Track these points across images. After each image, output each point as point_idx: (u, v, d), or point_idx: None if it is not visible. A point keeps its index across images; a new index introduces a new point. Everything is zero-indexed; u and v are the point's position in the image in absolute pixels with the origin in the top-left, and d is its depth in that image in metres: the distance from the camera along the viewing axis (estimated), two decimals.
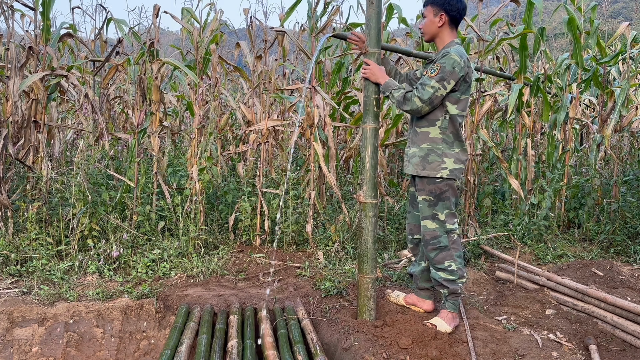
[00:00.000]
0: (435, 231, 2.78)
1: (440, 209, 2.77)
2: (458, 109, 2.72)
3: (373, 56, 2.84)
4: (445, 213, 2.78)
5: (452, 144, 2.75)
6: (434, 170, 2.74)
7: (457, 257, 2.79)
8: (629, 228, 4.59)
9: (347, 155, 5.14)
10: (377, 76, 2.79)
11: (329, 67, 5.05)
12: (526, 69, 4.78)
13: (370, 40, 2.83)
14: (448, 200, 2.78)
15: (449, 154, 2.74)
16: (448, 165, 2.73)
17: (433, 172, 2.74)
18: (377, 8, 2.81)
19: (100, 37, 5.39)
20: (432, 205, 2.78)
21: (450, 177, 2.74)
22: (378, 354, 2.51)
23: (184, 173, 4.57)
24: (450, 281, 2.80)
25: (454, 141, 2.75)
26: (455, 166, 2.75)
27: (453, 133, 2.74)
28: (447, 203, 2.78)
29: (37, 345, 2.85)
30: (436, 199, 2.77)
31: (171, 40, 19.95)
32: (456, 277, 2.80)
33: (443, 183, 2.76)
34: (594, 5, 5.21)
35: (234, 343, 2.67)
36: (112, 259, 3.62)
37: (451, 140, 2.74)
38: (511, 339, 2.73)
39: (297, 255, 4.09)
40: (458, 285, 2.81)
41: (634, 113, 5.40)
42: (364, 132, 2.85)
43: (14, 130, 4.06)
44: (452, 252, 2.79)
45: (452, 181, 2.78)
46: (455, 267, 2.79)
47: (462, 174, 2.82)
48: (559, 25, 12.53)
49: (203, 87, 4.33)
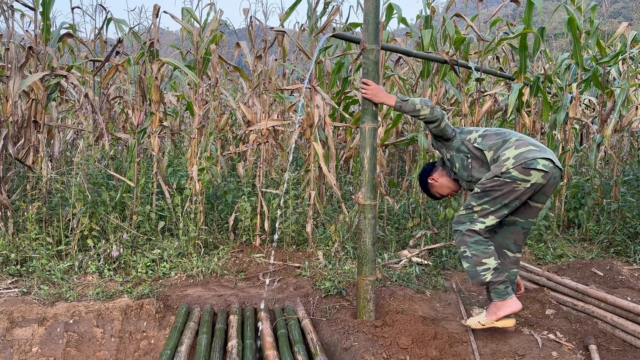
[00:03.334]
0: (461, 217, 2.80)
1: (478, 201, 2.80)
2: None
3: (372, 53, 2.80)
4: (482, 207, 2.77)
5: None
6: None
7: (472, 243, 2.71)
8: (629, 228, 4.58)
9: (347, 155, 5.14)
10: (381, 97, 2.80)
11: (329, 67, 5.05)
12: (526, 69, 4.77)
13: (368, 37, 2.79)
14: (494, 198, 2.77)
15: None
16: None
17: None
18: (375, 2, 2.77)
19: (100, 37, 5.40)
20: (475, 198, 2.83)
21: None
22: (378, 354, 2.51)
23: (184, 173, 4.57)
24: (472, 271, 2.72)
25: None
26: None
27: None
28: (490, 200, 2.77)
29: (37, 345, 2.86)
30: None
31: (171, 40, 19.94)
32: (472, 263, 2.71)
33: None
34: (594, 5, 5.21)
35: (234, 343, 2.67)
36: (112, 259, 3.62)
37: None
38: (511, 339, 2.73)
39: (297, 255, 4.09)
40: (480, 276, 2.69)
41: (634, 113, 5.41)
42: (363, 133, 2.84)
43: (14, 130, 4.06)
44: (466, 238, 2.73)
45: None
46: (469, 252, 2.72)
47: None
48: (559, 25, 12.52)
49: (203, 87, 4.33)
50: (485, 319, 2.71)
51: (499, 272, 2.69)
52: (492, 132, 2.86)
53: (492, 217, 2.72)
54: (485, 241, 2.73)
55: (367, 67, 2.83)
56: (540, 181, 2.64)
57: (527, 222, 2.85)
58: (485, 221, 2.72)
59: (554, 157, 2.70)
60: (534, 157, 2.63)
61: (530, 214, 2.83)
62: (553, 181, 2.71)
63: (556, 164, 2.69)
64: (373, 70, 2.82)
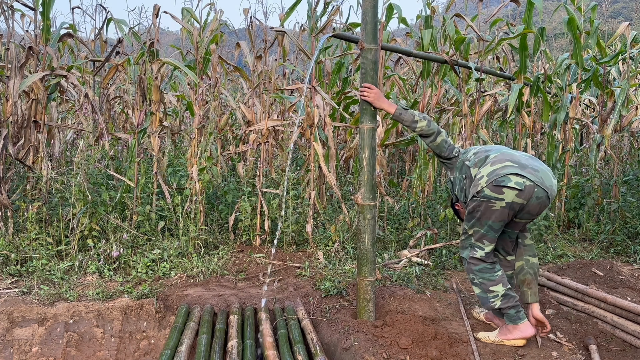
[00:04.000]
0: (463, 242, 2.80)
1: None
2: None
3: (370, 52, 2.79)
4: (474, 230, 2.75)
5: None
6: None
7: (477, 271, 2.70)
8: (629, 228, 4.58)
9: (347, 155, 5.15)
10: (382, 102, 2.79)
11: (329, 67, 5.05)
12: (526, 69, 4.78)
13: (366, 36, 2.78)
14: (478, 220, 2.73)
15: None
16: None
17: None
18: (372, 1, 2.77)
19: (100, 37, 5.40)
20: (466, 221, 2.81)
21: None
22: (378, 354, 2.51)
23: (184, 173, 4.57)
24: (482, 297, 2.72)
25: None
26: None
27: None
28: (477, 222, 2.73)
29: (37, 345, 2.85)
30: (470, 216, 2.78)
31: (171, 40, 19.95)
32: (481, 289, 2.70)
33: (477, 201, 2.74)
34: (594, 5, 5.21)
35: (234, 343, 2.67)
36: (112, 259, 3.62)
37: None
38: None
39: (297, 255, 4.09)
40: (489, 302, 2.67)
41: (634, 113, 5.41)
42: (361, 133, 2.84)
43: (14, 130, 4.06)
44: (471, 266, 2.72)
45: (487, 201, 2.70)
46: (477, 280, 2.71)
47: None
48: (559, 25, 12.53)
49: (203, 87, 4.33)
50: (497, 338, 2.70)
51: (508, 298, 2.64)
52: (484, 149, 2.78)
53: (486, 242, 2.66)
54: (491, 268, 2.67)
55: (365, 67, 2.82)
56: (516, 200, 2.50)
57: (513, 232, 2.81)
58: (483, 247, 2.66)
59: (538, 175, 2.51)
60: (506, 173, 2.49)
61: (517, 227, 2.77)
62: (536, 201, 2.52)
63: (537, 183, 2.49)
64: (372, 70, 2.82)
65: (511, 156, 2.60)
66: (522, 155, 2.64)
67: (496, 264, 2.70)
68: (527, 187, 2.48)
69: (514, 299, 2.65)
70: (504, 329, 2.70)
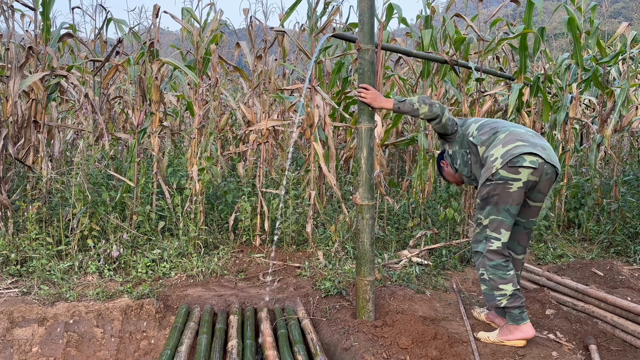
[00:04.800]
0: (476, 236, 2.76)
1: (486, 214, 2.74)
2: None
3: (367, 52, 2.80)
4: (489, 219, 2.70)
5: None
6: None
7: (490, 267, 2.66)
8: (629, 228, 4.59)
9: (347, 155, 5.15)
10: (379, 101, 2.79)
11: (329, 67, 5.05)
12: (526, 69, 4.78)
13: (363, 37, 2.79)
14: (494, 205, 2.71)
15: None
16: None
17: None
18: (369, 2, 2.79)
19: (100, 37, 5.40)
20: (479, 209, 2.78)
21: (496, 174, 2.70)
22: (378, 354, 2.51)
23: (184, 173, 4.57)
24: (488, 294, 2.72)
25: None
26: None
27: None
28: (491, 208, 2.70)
29: (37, 345, 2.85)
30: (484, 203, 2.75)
31: (171, 40, 19.95)
32: (489, 287, 2.69)
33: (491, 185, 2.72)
34: (594, 5, 5.21)
35: (234, 343, 2.67)
36: (112, 259, 3.62)
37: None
38: None
39: (297, 255, 4.09)
40: (496, 300, 2.66)
41: (634, 113, 5.41)
42: (359, 133, 2.85)
43: (14, 130, 4.06)
44: (486, 260, 2.69)
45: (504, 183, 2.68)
46: (487, 276, 2.69)
47: None
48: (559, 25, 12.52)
49: (203, 87, 4.33)
50: (497, 338, 2.69)
51: (515, 298, 2.63)
52: (487, 125, 2.77)
53: (503, 231, 2.63)
54: (505, 266, 2.64)
55: (362, 67, 2.84)
56: (531, 178, 2.55)
57: (528, 222, 2.80)
58: (500, 237, 2.63)
59: (546, 153, 2.58)
60: (521, 152, 2.53)
61: (531, 214, 2.77)
62: (545, 177, 2.60)
63: (547, 160, 2.55)
64: (369, 70, 2.83)
65: (520, 135, 2.64)
66: (528, 132, 2.70)
67: (510, 262, 2.68)
68: (539, 165, 2.54)
69: (521, 300, 2.64)
70: (505, 329, 2.69)
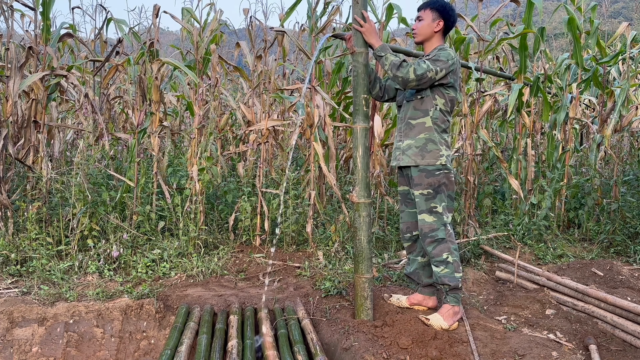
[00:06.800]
0: (433, 224, 2.84)
1: (438, 202, 2.85)
2: (445, 106, 2.86)
3: (361, 55, 2.85)
4: (442, 206, 2.85)
5: (443, 133, 2.90)
6: (433, 158, 2.82)
7: (454, 250, 2.86)
8: (629, 228, 4.58)
9: (347, 155, 5.15)
10: (371, 37, 2.80)
11: (329, 67, 5.05)
12: (526, 69, 4.78)
13: (357, 40, 2.84)
14: (444, 193, 2.86)
15: (443, 142, 2.87)
16: (444, 153, 2.85)
17: (433, 160, 2.82)
18: (362, 8, 2.84)
19: (100, 37, 5.40)
20: (431, 199, 2.85)
21: (446, 164, 2.85)
22: (378, 354, 2.51)
23: (184, 173, 4.57)
24: (450, 277, 2.84)
25: (444, 130, 2.90)
26: (449, 152, 2.90)
27: (444, 123, 2.89)
28: (443, 196, 2.86)
29: (37, 345, 2.85)
30: (434, 192, 2.84)
31: (171, 40, 19.94)
32: (451, 269, 2.83)
33: (441, 175, 2.84)
34: (594, 5, 5.21)
35: (234, 343, 2.67)
36: (112, 259, 3.63)
37: (441, 129, 2.89)
38: (511, 339, 2.72)
39: (297, 255, 4.09)
40: (458, 280, 2.85)
41: (634, 113, 5.41)
42: (354, 132, 2.88)
43: (14, 130, 4.06)
44: (449, 244, 2.85)
45: (449, 172, 2.87)
46: (451, 259, 2.84)
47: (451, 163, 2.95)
48: (559, 25, 12.53)
49: (203, 87, 4.33)
50: (445, 324, 2.78)
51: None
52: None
53: (449, 214, 2.90)
54: (455, 248, 2.88)
55: (356, 70, 2.87)
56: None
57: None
58: (448, 220, 2.87)
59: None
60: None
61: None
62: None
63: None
64: (363, 73, 2.86)
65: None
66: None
67: None
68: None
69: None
70: (449, 312, 2.83)
